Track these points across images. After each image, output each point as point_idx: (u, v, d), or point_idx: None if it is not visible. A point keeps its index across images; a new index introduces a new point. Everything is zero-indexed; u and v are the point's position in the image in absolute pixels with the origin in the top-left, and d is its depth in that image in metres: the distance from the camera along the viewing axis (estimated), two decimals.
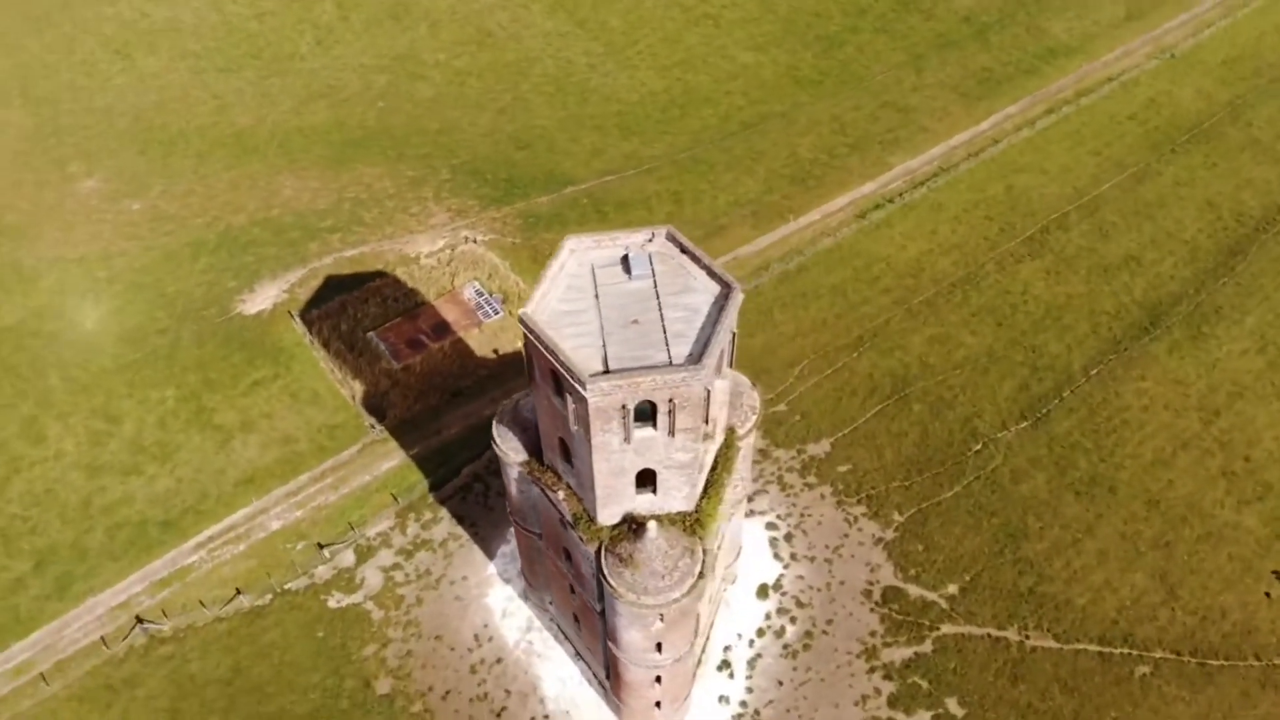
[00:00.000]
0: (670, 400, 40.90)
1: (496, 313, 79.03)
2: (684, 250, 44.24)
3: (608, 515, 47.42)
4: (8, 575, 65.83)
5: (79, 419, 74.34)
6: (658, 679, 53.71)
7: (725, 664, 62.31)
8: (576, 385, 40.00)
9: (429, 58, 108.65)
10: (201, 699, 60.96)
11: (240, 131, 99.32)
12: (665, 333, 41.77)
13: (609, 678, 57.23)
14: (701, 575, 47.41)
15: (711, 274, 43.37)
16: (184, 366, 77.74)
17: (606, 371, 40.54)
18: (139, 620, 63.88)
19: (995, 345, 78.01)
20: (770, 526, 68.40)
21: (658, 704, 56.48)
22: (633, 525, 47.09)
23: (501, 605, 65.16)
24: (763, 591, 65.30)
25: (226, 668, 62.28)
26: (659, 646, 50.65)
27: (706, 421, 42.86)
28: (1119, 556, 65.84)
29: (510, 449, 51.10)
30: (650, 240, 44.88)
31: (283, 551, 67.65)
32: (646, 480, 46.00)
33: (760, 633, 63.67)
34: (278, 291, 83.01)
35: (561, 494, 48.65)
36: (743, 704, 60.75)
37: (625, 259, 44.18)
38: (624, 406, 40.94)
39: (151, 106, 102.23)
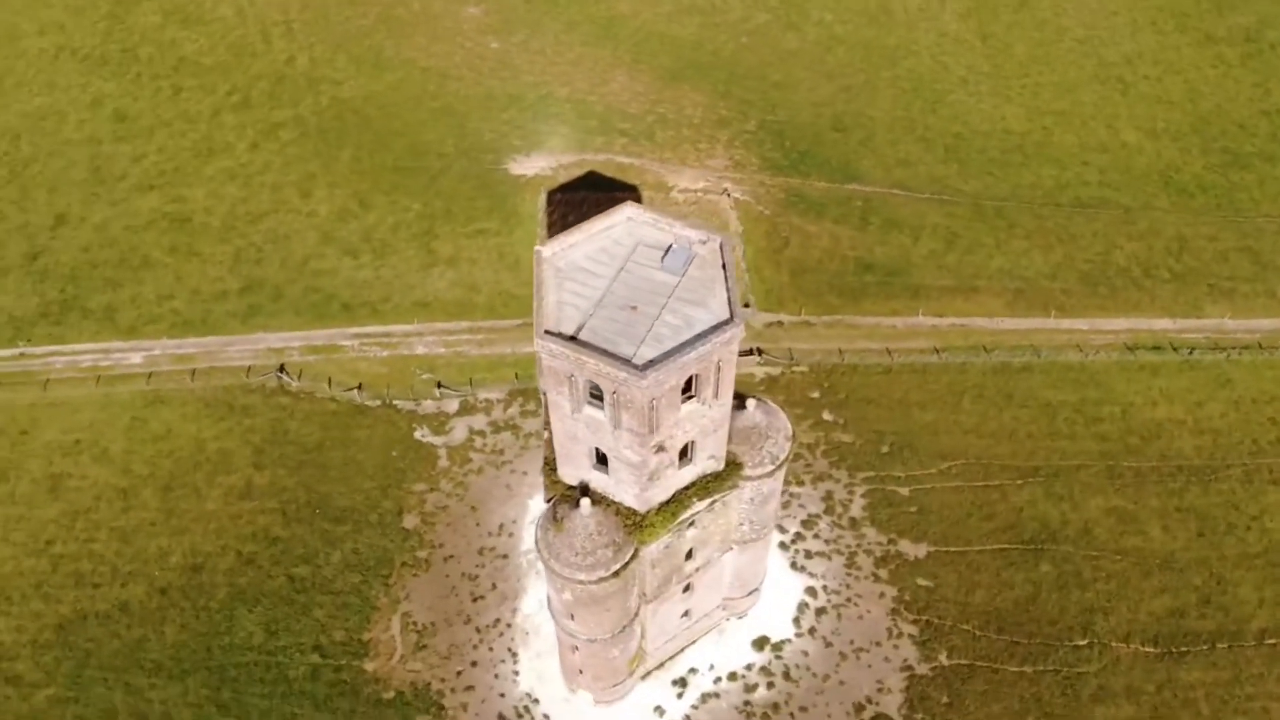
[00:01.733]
0: (614, 393, 40.06)
1: None
2: (723, 265, 42.16)
3: (566, 473, 47.79)
4: (220, 286, 78.99)
5: (342, 194, 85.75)
6: (575, 648, 53.98)
7: (682, 681, 60.69)
8: (536, 334, 40.44)
9: (815, 13, 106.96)
10: (282, 451, 70.22)
11: (609, 17, 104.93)
12: (649, 331, 40.58)
13: None
14: (616, 575, 46.60)
15: (729, 299, 41.06)
16: (439, 191, 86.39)
17: (573, 339, 40.44)
18: (281, 368, 74.26)
19: (1180, 554, 65.53)
20: (810, 591, 64.25)
21: (580, 671, 56.89)
22: (580, 495, 47.11)
23: (536, 512, 67.72)
24: (760, 644, 62.12)
25: (313, 440, 70.94)
26: (571, 616, 50.81)
27: (651, 431, 41.41)
28: None
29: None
30: (704, 242, 43.18)
31: (410, 374, 74.73)
32: (606, 460, 45.62)
33: (732, 676, 60.98)
34: (545, 165, 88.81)
35: (548, 435, 49.57)
36: None
37: (669, 248, 43.01)
38: (572, 377, 40.77)
39: None
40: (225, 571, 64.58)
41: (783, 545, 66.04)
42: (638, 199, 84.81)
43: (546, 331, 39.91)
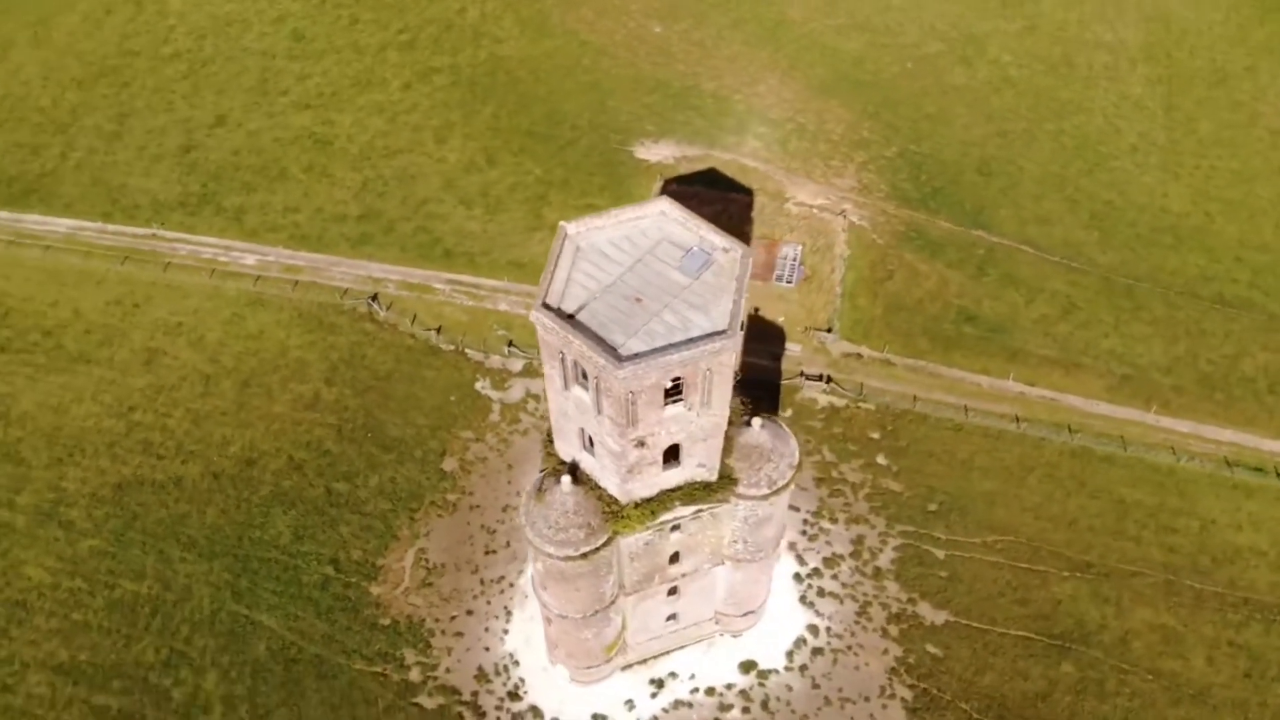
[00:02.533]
0: (596, 379, 40.49)
1: (789, 281, 77.98)
2: (737, 276, 41.73)
3: (561, 449, 48.61)
4: (341, 210, 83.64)
5: (473, 145, 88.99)
6: (550, 621, 54.90)
7: (660, 683, 60.76)
8: (535, 305, 41.30)
9: (993, 52, 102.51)
10: (354, 373, 74.10)
11: (778, 21, 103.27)
12: (645, 325, 40.72)
13: None
14: (585, 557, 47.12)
15: (732, 311, 40.63)
16: (562, 161, 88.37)
17: (570, 317, 41.06)
18: (374, 297, 78.12)
19: (1218, 690, 60.36)
20: (812, 629, 62.87)
21: (556, 646, 57.82)
22: (567, 471, 47.79)
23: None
24: (747, 667, 61.36)
25: (384, 369, 74.47)
26: (545, 588, 51.73)
27: (630, 424, 41.58)
28: None
29: None
30: (727, 251, 42.85)
31: (487, 327, 77.25)
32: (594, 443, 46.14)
33: (710, 691, 60.57)
34: (669, 154, 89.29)
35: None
36: None
37: (689, 250, 42.93)
38: (562, 354, 41.42)
39: None
40: (274, 471, 68.92)
41: (797, 577, 64.84)
42: (748, 203, 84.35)
43: (544, 304, 40.71)
